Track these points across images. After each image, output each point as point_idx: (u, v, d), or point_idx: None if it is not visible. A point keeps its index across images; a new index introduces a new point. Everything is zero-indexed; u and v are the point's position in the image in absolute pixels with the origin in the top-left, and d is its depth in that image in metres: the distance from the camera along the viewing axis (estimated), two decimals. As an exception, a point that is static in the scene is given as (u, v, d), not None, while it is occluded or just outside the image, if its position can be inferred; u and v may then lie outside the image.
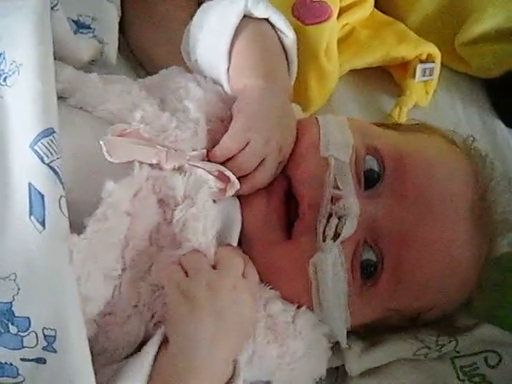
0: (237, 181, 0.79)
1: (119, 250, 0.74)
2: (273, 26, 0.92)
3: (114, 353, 0.75)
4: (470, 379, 0.88)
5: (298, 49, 1.08)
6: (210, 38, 0.90)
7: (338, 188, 0.79)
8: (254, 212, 0.83)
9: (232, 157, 0.80)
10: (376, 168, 0.83)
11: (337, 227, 0.78)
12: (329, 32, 1.09)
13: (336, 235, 0.78)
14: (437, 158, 0.85)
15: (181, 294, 0.71)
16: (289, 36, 0.92)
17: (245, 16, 0.88)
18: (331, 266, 0.78)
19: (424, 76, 1.17)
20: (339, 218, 0.78)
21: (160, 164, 0.77)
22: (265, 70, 0.87)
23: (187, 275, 0.73)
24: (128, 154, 0.76)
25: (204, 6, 0.94)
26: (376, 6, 1.21)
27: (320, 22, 1.09)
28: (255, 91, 0.84)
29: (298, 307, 0.82)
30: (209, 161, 0.81)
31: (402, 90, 1.20)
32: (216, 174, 0.79)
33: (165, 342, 0.72)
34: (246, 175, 0.81)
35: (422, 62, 1.17)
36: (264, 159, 0.81)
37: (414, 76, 1.17)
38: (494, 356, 0.90)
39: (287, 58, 0.94)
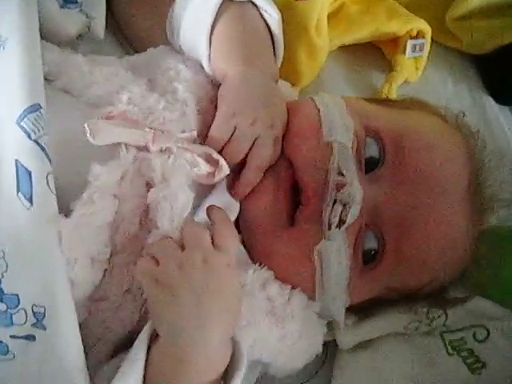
0: (226, 165, 0.78)
1: (107, 233, 0.74)
2: (257, 6, 0.90)
3: (107, 341, 0.75)
4: (459, 353, 0.90)
5: (288, 24, 1.07)
6: (192, 22, 0.89)
7: (341, 174, 0.79)
8: (261, 201, 0.81)
9: (224, 145, 0.80)
10: (376, 152, 0.82)
11: (341, 214, 0.78)
12: (319, 7, 1.08)
13: (340, 222, 0.78)
14: (435, 139, 0.85)
15: (156, 284, 0.69)
16: (273, 16, 0.91)
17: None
18: (336, 253, 0.79)
19: (414, 52, 1.16)
20: (344, 205, 0.78)
21: (147, 146, 0.77)
22: (245, 53, 0.86)
23: (158, 263, 0.71)
24: (112, 137, 0.76)
25: None
26: (366, -19, 1.20)
27: (310, -3, 1.08)
28: (235, 77, 0.84)
29: (293, 287, 0.81)
30: (199, 143, 0.80)
31: (392, 65, 1.19)
32: (204, 156, 0.78)
33: (155, 335, 0.71)
34: (245, 162, 0.80)
35: (412, 37, 1.16)
36: (256, 139, 0.80)
37: (404, 52, 1.16)
38: (482, 331, 0.91)
39: (273, 39, 0.92)
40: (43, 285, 0.68)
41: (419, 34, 1.16)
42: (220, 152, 0.79)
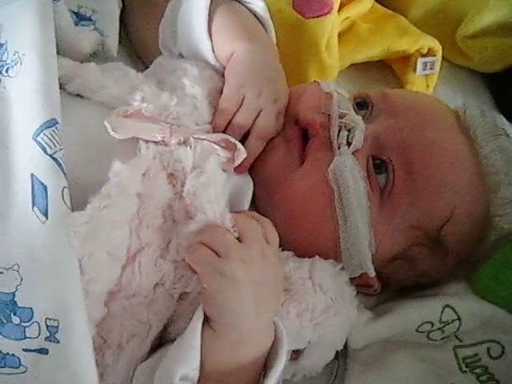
0: (243, 147, 0.82)
1: (126, 229, 0.74)
2: (240, 1, 0.94)
3: (144, 338, 0.75)
4: (472, 371, 0.88)
5: (299, 42, 1.09)
6: (187, 29, 0.91)
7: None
8: (273, 155, 0.85)
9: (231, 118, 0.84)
10: (363, 100, 0.91)
11: (347, 138, 0.84)
12: (330, 26, 1.09)
13: (348, 145, 0.83)
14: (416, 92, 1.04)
15: (220, 276, 0.71)
16: (257, 4, 0.94)
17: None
18: (349, 168, 0.81)
19: (425, 70, 1.17)
20: (348, 131, 0.84)
21: (165, 140, 0.79)
22: (245, 33, 0.90)
23: (217, 254, 0.72)
24: (133, 131, 0.78)
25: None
26: (377, 0, 1.21)
27: (321, 16, 1.09)
28: (242, 53, 0.88)
29: (317, 255, 0.82)
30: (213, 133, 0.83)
31: (402, 83, 1.20)
32: (222, 143, 0.81)
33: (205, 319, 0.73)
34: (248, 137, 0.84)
35: (422, 55, 1.17)
36: (261, 111, 0.85)
37: (414, 70, 1.17)
38: (497, 347, 0.89)
39: (263, 24, 0.96)
40: (58, 298, 0.68)
41: (430, 52, 1.17)
42: (229, 123, 0.84)
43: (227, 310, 0.71)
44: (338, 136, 0.84)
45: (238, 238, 0.74)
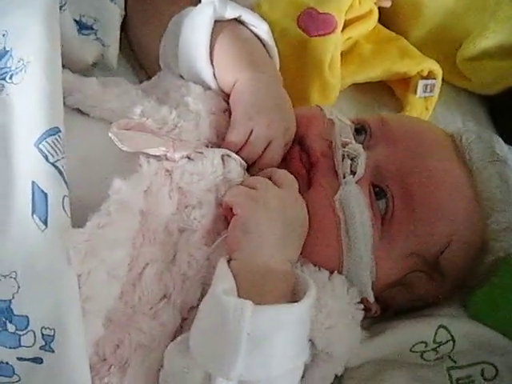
0: (244, 164, 0.83)
1: (128, 247, 0.74)
2: (244, 23, 0.94)
3: (153, 347, 0.74)
4: (466, 392, 0.89)
5: (302, 60, 1.09)
6: (188, 52, 0.91)
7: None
8: None
9: (240, 148, 0.84)
10: (361, 127, 0.92)
11: (351, 167, 0.85)
12: (333, 45, 1.10)
13: (352, 173, 0.84)
14: (414, 118, 1.07)
15: (254, 202, 0.76)
16: (261, 27, 0.94)
17: (216, 21, 0.90)
18: (355, 197, 0.82)
19: (425, 92, 1.18)
20: (351, 159, 0.85)
21: (168, 154, 0.79)
22: (248, 61, 0.90)
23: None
24: (139, 144, 0.78)
25: (175, 18, 0.95)
26: (379, 21, 1.21)
27: (325, 35, 1.09)
28: (246, 82, 0.87)
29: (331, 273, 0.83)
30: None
31: (402, 105, 1.21)
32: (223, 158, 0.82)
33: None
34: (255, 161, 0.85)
35: (423, 78, 1.18)
36: (270, 142, 0.84)
37: (415, 92, 1.18)
38: (491, 369, 0.89)
39: (266, 49, 0.96)
40: (54, 308, 0.67)
41: (430, 75, 1.18)
42: (236, 154, 0.83)
43: (255, 232, 0.74)
44: (343, 163, 0.84)
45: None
